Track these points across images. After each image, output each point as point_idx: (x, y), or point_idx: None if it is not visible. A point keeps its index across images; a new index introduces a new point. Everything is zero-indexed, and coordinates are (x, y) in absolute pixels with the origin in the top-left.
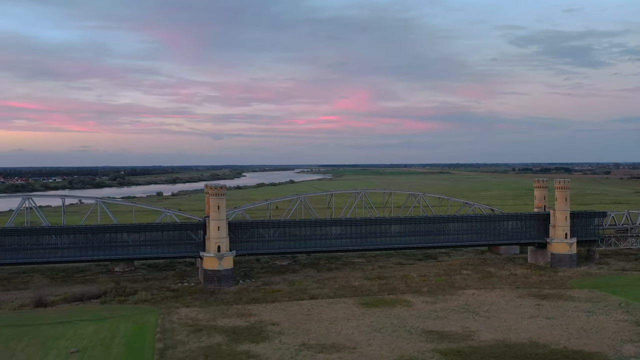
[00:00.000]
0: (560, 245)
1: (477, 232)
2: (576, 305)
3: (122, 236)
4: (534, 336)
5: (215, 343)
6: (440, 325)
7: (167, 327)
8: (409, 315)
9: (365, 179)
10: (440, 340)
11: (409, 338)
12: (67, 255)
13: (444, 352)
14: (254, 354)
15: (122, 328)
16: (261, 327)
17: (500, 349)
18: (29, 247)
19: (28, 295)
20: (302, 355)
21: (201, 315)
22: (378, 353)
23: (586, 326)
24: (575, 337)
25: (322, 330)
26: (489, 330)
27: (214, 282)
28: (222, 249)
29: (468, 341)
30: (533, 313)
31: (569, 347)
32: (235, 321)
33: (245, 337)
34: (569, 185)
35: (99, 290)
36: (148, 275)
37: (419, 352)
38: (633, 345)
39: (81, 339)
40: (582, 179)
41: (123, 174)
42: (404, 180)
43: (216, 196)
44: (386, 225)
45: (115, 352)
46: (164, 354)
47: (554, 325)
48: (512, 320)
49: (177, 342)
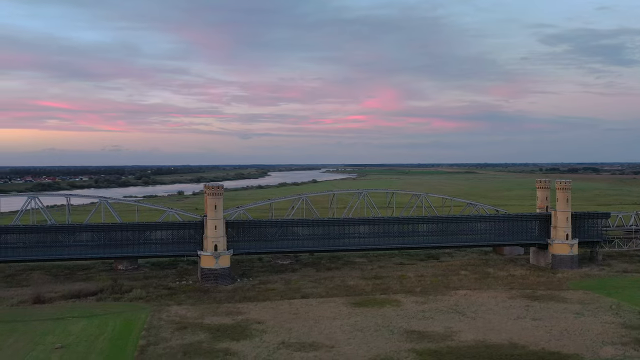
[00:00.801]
0: (561, 246)
1: (477, 233)
2: (566, 306)
3: (120, 235)
4: (514, 337)
5: (196, 340)
6: (423, 326)
7: (155, 324)
8: (395, 315)
9: (388, 178)
10: (420, 340)
11: (390, 338)
12: (68, 253)
13: (420, 352)
14: (232, 351)
15: (111, 325)
16: (246, 325)
17: (477, 349)
18: (33, 245)
19: (28, 292)
20: (279, 354)
21: (190, 313)
22: (355, 352)
23: (571, 328)
24: (556, 339)
25: (305, 329)
26: (471, 331)
27: (211, 281)
28: (219, 248)
29: (447, 341)
30: (520, 314)
31: (547, 349)
32: (222, 319)
33: (228, 335)
34: (570, 186)
35: (96, 288)
36: (149, 274)
37: (395, 352)
38: (613, 348)
39: (69, 335)
40: (609, 180)
41: (149, 173)
42: (428, 179)
43: (213, 196)
44: (383, 225)
45: (98, 348)
46: (145, 350)
47: (539, 326)
48: (497, 321)
49: (160, 339)
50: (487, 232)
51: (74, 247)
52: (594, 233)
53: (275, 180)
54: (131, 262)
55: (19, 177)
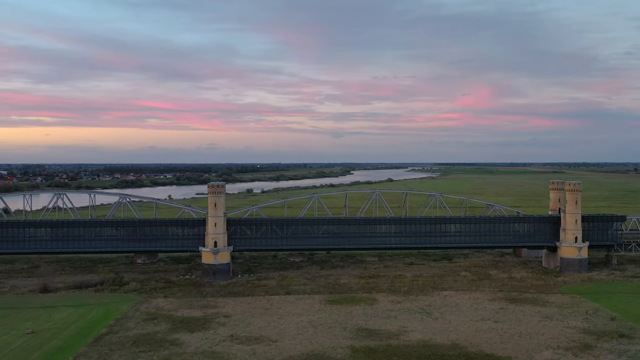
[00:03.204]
0: (569, 249)
1: (486, 235)
2: (540, 310)
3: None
4: (461, 338)
5: (154, 331)
6: (380, 324)
7: (129, 315)
8: (361, 313)
9: (468, 177)
10: (365, 338)
11: (338, 334)
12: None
13: (356, 349)
14: (180, 342)
15: (92, 314)
16: (212, 318)
17: (413, 348)
18: (60, 238)
19: (37, 282)
20: (220, 345)
21: (168, 306)
22: (292, 347)
23: (526, 331)
24: (501, 342)
25: (264, 324)
26: (423, 331)
27: (210, 276)
28: (218, 245)
29: (392, 340)
30: (486, 316)
31: (485, 351)
32: (193, 312)
33: (187, 327)
34: (580, 187)
35: (99, 280)
36: (160, 268)
37: (332, 348)
38: (552, 352)
39: (47, 322)
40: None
41: (232, 170)
42: (510, 179)
43: (214, 194)
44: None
45: (63, 335)
46: (101, 338)
47: (495, 329)
48: (457, 322)
49: (122, 329)
50: (496, 234)
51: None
52: (607, 237)
53: (354, 179)
54: (149, 256)
55: (108, 174)
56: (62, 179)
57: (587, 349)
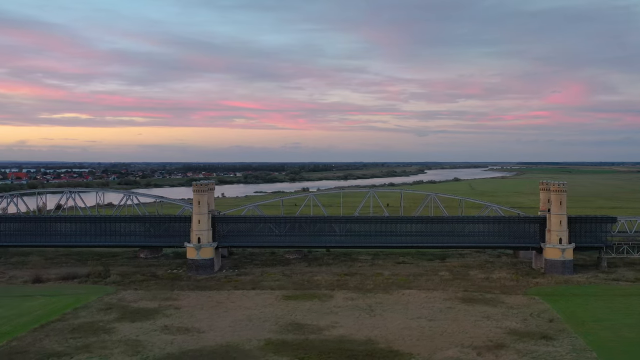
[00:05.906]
0: (553, 250)
1: (475, 235)
2: (486, 310)
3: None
4: (379, 335)
5: (98, 320)
6: (314, 320)
7: (91, 305)
8: (306, 309)
9: (540, 177)
10: (288, 332)
11: (265, 328)
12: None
13: (269, 342)
14: (114, 330)
15: (60, 304)
16: (162, 310)
17: (327, 343)
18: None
19: (29, 274)
20: (148, 335)
21: (132, 297)
22: (212, 338)
23: (451, 330)
24: (417, 339)
25: (204, 316)
26: (350, 327)
27: (193, 270)
28: (202, 241)
29: (313, 335)
30: (424, 315)
31: (393, 348)
32: (150, 304)
33: (132, 317)
34: (565, 188)
35: (86, 272)
36: (155, 262)
37: (248, 341)
38: (457, 351)
39: (15, 309)
40: None
41: (304, 169)
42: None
43: (198, 192)
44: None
45: (17, 322)
46: (47, 325)
47: (423, 327)
48: (391, 320)
49: (72, 317)
50: (484, 234)
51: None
52: (597, 238)
53: (424, 178)
54: (152, 251)
55: (182, 172)
56: (134, 177)
57: (496, 348)
